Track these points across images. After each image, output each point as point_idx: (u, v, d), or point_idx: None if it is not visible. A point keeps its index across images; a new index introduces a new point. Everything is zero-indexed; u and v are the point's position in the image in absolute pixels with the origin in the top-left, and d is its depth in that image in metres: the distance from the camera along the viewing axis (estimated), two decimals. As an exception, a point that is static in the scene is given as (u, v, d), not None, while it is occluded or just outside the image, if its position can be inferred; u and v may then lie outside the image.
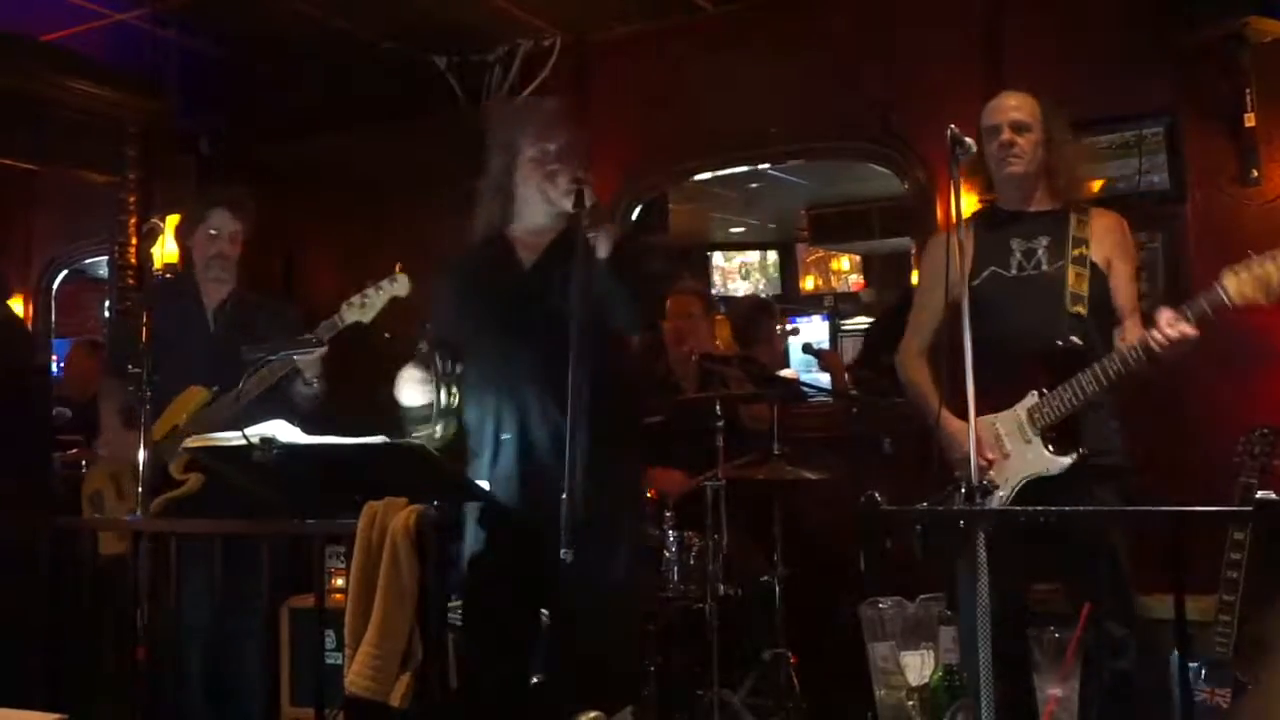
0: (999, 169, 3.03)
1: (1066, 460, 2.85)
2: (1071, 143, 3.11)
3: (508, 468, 2.78)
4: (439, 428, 2.85)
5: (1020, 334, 2.90)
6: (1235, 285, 2.67)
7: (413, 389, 2.88)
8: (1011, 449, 2.91)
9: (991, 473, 2.86)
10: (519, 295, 2.84)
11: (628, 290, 2.68)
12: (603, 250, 2.63)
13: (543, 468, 2.72)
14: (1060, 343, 2.89)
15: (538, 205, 2.83)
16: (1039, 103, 3.07)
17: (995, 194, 3.14)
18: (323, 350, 3.33)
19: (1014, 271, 3.02)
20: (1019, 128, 3.01)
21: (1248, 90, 3.83)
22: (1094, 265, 2.97)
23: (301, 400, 3.47)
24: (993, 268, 3.01)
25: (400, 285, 3.31)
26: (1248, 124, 3.84)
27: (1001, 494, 2.88)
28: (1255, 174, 3.86)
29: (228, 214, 3.70)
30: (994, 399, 2.89)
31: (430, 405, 2.86)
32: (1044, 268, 3.00)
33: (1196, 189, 4.00)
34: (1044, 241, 3.01)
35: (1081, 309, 2.93)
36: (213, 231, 3.68)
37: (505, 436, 2.79)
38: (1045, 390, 2.88)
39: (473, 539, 2.82)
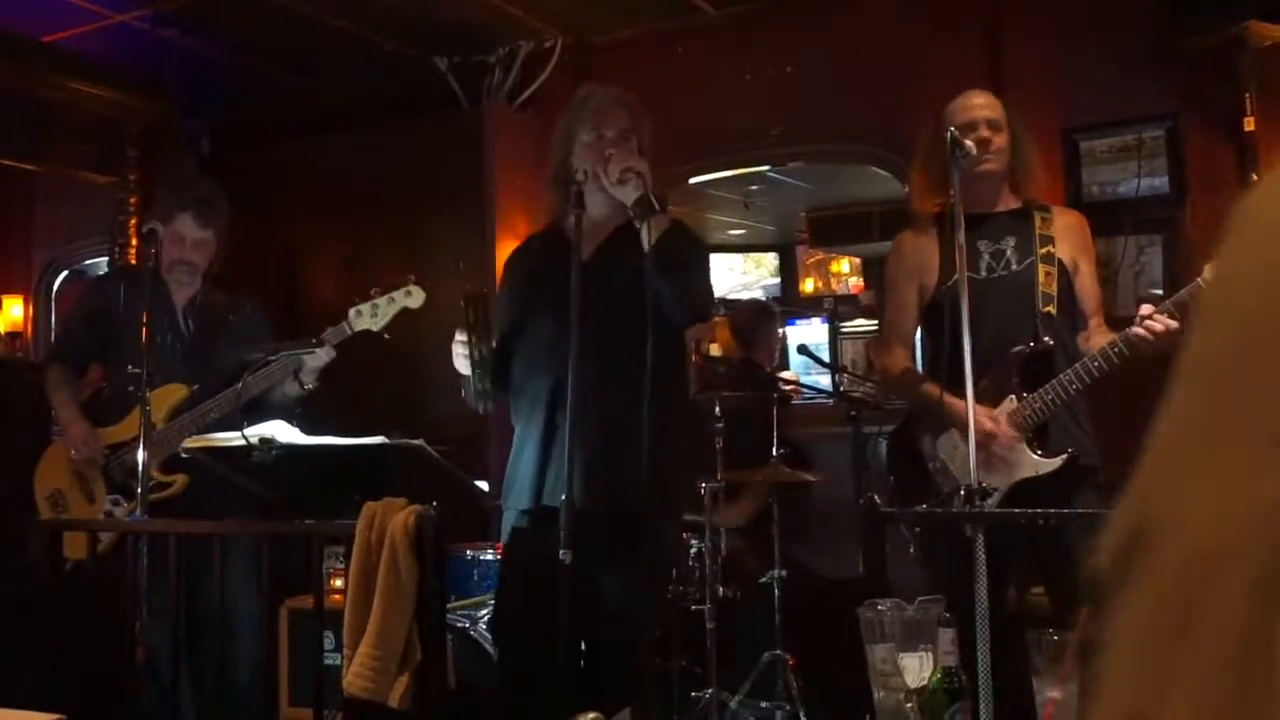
0: (972, 167, 2.94)
1: (1055, 462, 2.85)
2: (1030, 142, 3.11)
3: (557, 459, 2.70)
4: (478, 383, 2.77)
5: (993, 337, 2.85)
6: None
7: (458, 357, 2.81)
8: (997, 454, 2.87)
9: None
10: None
11: (674, 283, 2.63)
12: (648, 241, 2.59)
13: (592, 460, 2.66)
14: (1033, 344, 2.89)
15: (594, 194, 2.73)
16: (1001, 102, 3.07)
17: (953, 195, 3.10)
18: (330, 355, 3.30)
19: (984, 274, 2.99)
20: (994, 125, 3.00)
21: (1247, 94, 3.83)
22: (1061, 264, 2.97)
23: (284, 400, 3.40)
24: None
25: (414, 298, 3.28)
26: (1247, 128, 3.84)
27: (990, 500, 2.88)
28: (1254, 178, 3.85)
29: (192, 221, 3.52)
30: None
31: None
32: (1013, 268, 2.99)
33: (1196, 193, 4.01)
34: (1011, 242, 3.00)
35: (1052, 309, 2.93)
36: (179, 237, 3.52)
37: (558, 421, 2.72)
38: (1024, 393, 2.87)
39: (511, 526, 2.80)
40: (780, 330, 5.44)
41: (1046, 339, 2.89)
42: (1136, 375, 3.04)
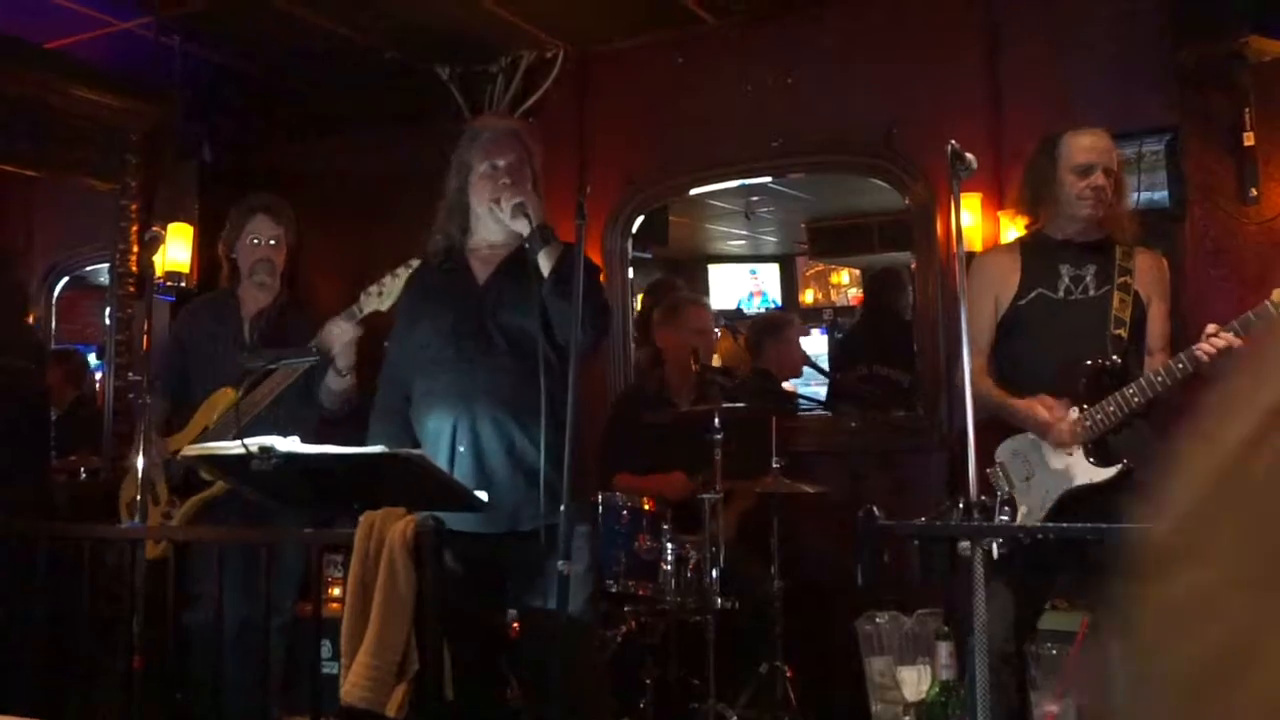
0: (1076, 206, 3.08)
1: (1109, 472, 2.92)
2: (1124, 180, 3.23)
3: (464, 482, 2.78)
4: None
5: (1065, 356, 3.00)
6: None
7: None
8: (1053, 462, 2.97)
9: (1031, 483, 2.98)
10: (474, 311, 2.88)
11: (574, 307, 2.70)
12: (545, 268, 2.71)
13: (497, 482, 2.77)
14: (1102, 361, 2.95)
15: (489, 221, 2.90)
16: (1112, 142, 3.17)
17: (1041, 221, 3.21)
18: (356, 331, 3.30)
19: (1061, 295, 3.10)
20: (1110, 173, 3.09)
21: (1247, 109, 3.85)
22: (1137, 294, 3.08)
23: (331, 399, 3.44)
24: (1040, 290, 3.10)
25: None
26: (1246, 142, 3.85)
27: (1042, 506, 2.93)
28: (1254, 192, 3.87)
29: (267, 219, 3.74)
30: None
31: None
32: (1091, 293, 3.09)
33: (1195, 206, 4.01)
34: (1091, 269, 3.10)
35: (1123, 332, 3.03)
36: (254, 240, 3.72)
37: (460, 449, 2.81)
38: (1085, 405, 2.95)
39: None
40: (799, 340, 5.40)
41: (1115, 358, 2.99)
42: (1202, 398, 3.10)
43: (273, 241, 3.74)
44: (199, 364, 3.63)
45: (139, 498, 3.16)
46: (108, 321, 5.28)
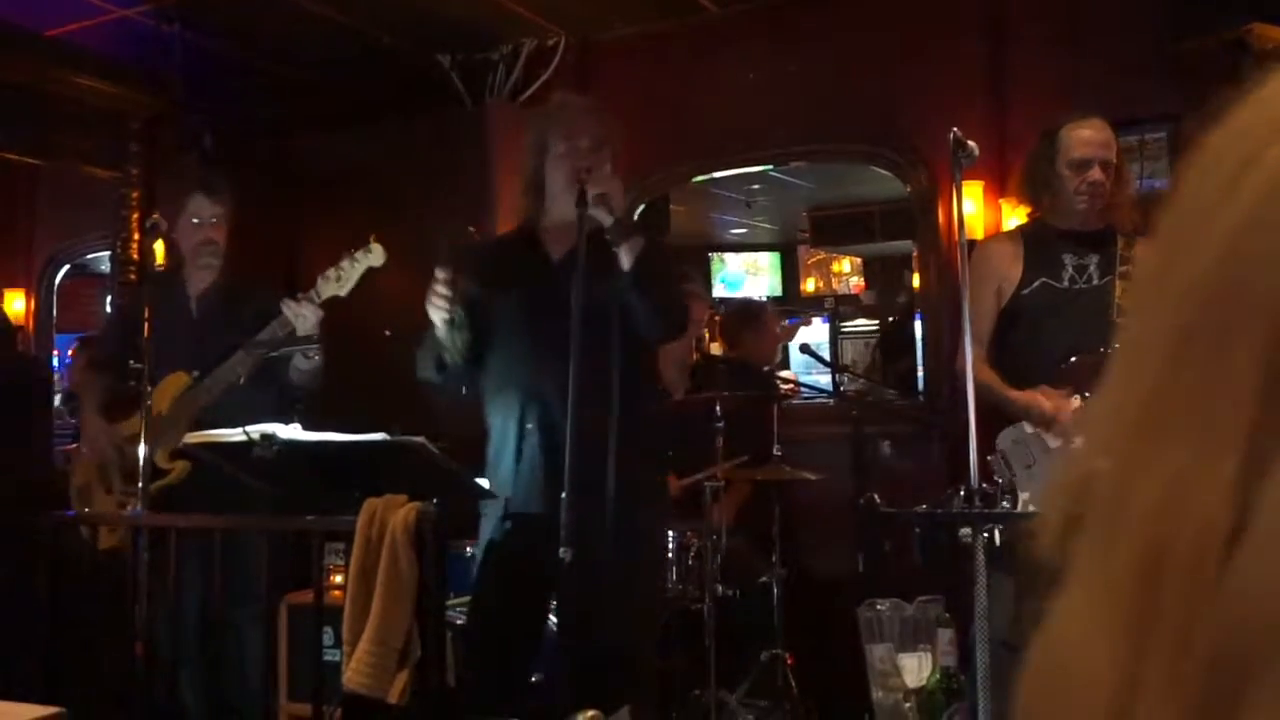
0: (1073, 201, 3.09)
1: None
2: (1126, 168, 3.23)
3: (533, 461, 2.76)
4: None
5: (1068, 344, 3.00)
6: None
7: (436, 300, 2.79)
8: (1054, 449, 2.98)
9: (1033, 470, 2.98)
10: (545, 289, 2.84)
11: (652, 303, 2.68)
12: (626, 263, 2.64)
13: (563, 465, 2.71)
14: (1104, 349, 2.96)
15: (566, 201, 2.80)
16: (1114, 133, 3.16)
17: (1042, 211, 3.21)
18: (317, 314, 3.27)
19: (1065, 284, 3.11)
20: (1107, 165, 3.09)
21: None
22: None
23: (298, 377, 3.40)
24: (1043, 279, 3.11)
25: (375, 256, 3.28)
26: (1250, 131, 3.84)
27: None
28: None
29: (204, 199, 3.62)
30: None
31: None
32: (1094, 282, 3.10)
33: (1198, 195, 4.00)
34: (1094, 259, 3.11)
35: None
36: (195, 220, 3.61)
37: (529, 426, 2.78)
38: (1087, 394, 2.94)
39: (490, 534, 2.81)
40: (777, 328, 5.39)
41: (1117, 346, 2.95)
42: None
43: (214, 220, 3.63)
44: (145, 338, 3.50)
45: (140, 484, 3.15)
46: (108, 309, 5.29)
